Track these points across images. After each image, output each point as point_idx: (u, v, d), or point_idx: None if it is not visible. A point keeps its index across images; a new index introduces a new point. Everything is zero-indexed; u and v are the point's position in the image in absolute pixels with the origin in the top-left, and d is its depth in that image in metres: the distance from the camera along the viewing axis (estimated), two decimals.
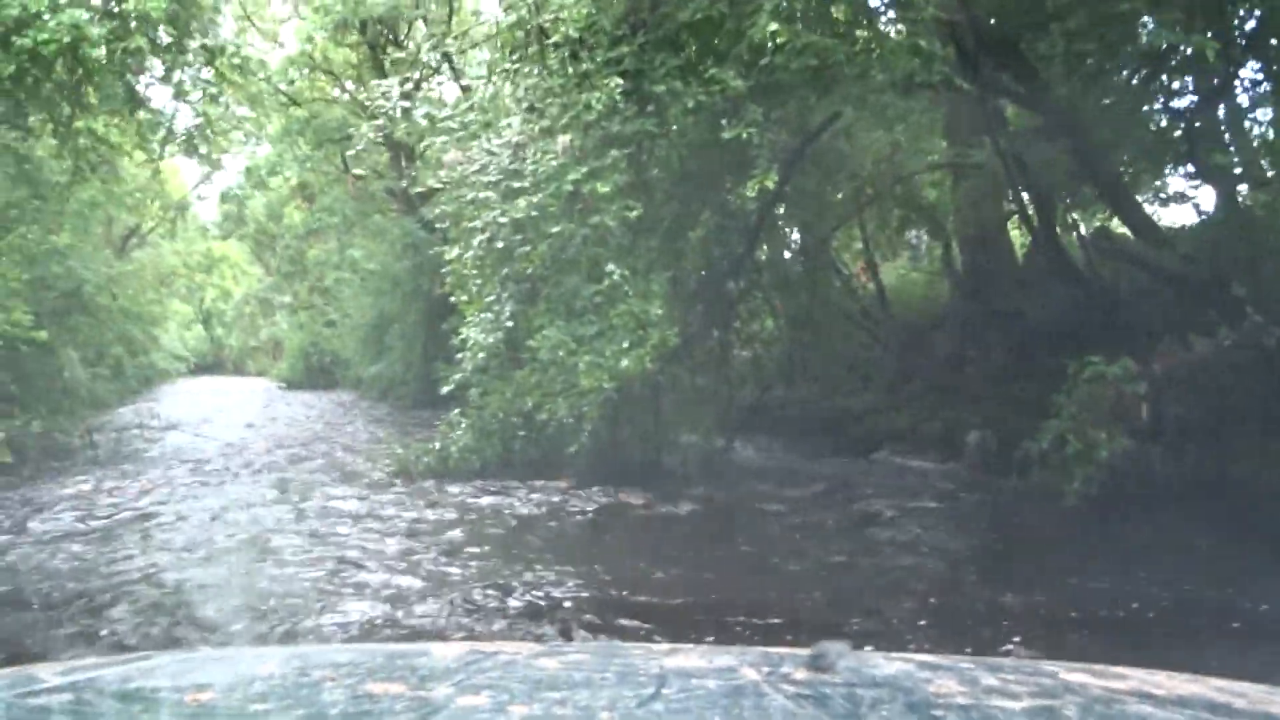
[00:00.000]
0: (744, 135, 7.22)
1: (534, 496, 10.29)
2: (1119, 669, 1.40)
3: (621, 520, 9.40)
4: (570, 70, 7.93)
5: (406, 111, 21.27)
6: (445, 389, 10.74)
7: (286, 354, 43.41)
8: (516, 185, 8.30)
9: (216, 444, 15.28)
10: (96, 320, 17.33)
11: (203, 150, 36.93)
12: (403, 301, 24.33)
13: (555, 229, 7.94)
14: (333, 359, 37.22)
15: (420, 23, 23.04)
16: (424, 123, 22.60)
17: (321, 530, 8.89)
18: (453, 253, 10.62)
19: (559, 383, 8.43)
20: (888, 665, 1.37)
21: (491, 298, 9.73)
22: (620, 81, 7.46)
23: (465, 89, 19.99)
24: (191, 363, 52.68)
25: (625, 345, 7.44)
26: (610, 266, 7.68)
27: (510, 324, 9.37)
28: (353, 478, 11.72)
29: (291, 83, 22.76)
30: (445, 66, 22.47)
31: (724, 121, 7.49)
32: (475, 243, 9.34)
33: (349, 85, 25.38)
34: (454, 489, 10.61)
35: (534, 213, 8.00)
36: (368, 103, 25.22)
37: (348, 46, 24.13)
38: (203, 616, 6.31)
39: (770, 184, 7.42)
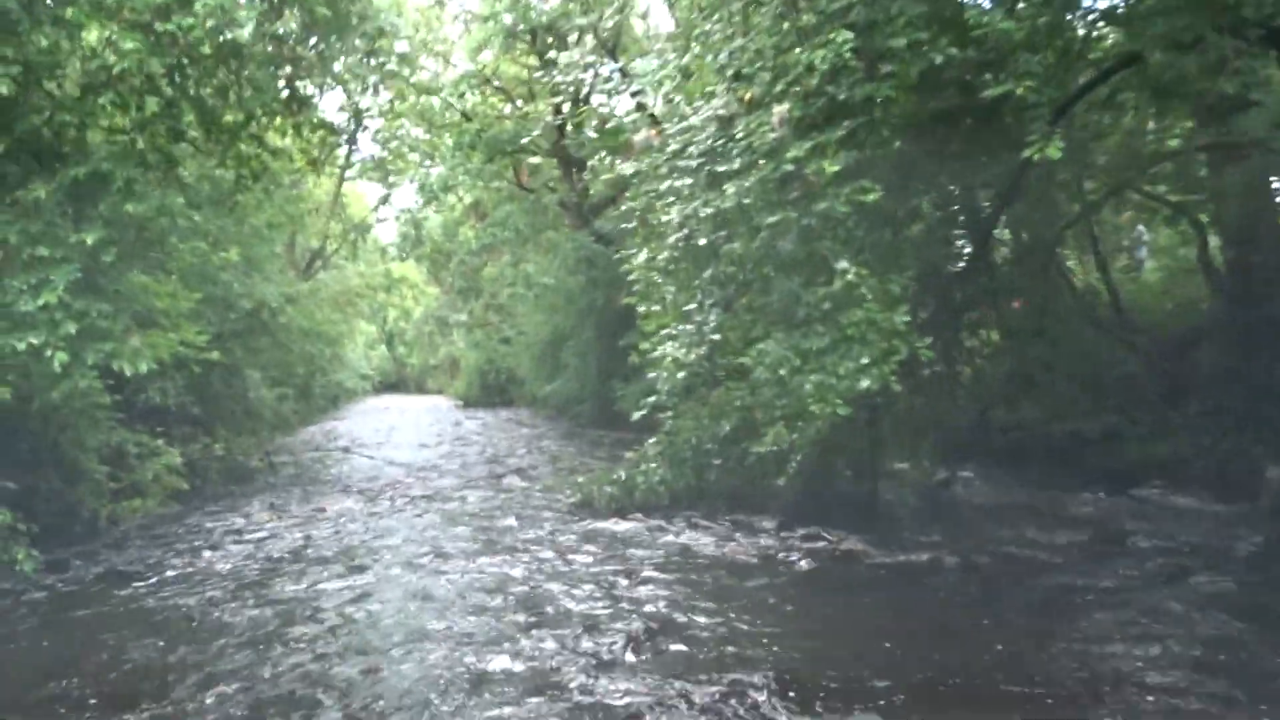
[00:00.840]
0: (1018, 91, 5.61)
1: (736, 537, 8.91)
2: None
3: (843, 573, 7.86)
4: (785, 26, 6.55)
5: (580, 113, 20.55)
6: (638, 413, 9.42)
7: (463, 372, 43.92)
8: (721, 169, 6.95)
9: (394, 468, 14.70)
10: (278, 340, 17.15)
11: (378, 173, 37.85)
12: (577, 317, 23.55)
13: (771, 219, 6.51)
14: (508, 377, 37.23)
15: (589, 35, 22.44)
16: (593, 133, 21.95)
17: (505, 572, 7.83)
18: (639, 257, 9.35)
19: (779, 406, 6.97)
20: None
21: (691, 306, 8.38)
22: (849, 36, 6.02)
23: (639, 97, 19.02)
24: (376, 381, 54.51)
25: (865, 361, 5.93)
26: (843, 264, 6.17)
27: (715, 336, 8.00)
28: (532, 508, 10.69)
29: (461, 95, 22.41)
30: (616, 75, 21.69)
31: (986, 77, 5.90)
32: (670, 241, 8.04)
33: (519, 103, 25.05)
34: (643, 524, 9.38)
35: (744, 200, 6.61)
36: (537, 110, 24.93)
37: (517, 63, 23.75)
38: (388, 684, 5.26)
39: (1056, 153, 5.76)
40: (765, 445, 7.89)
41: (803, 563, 8.07)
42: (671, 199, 7.93)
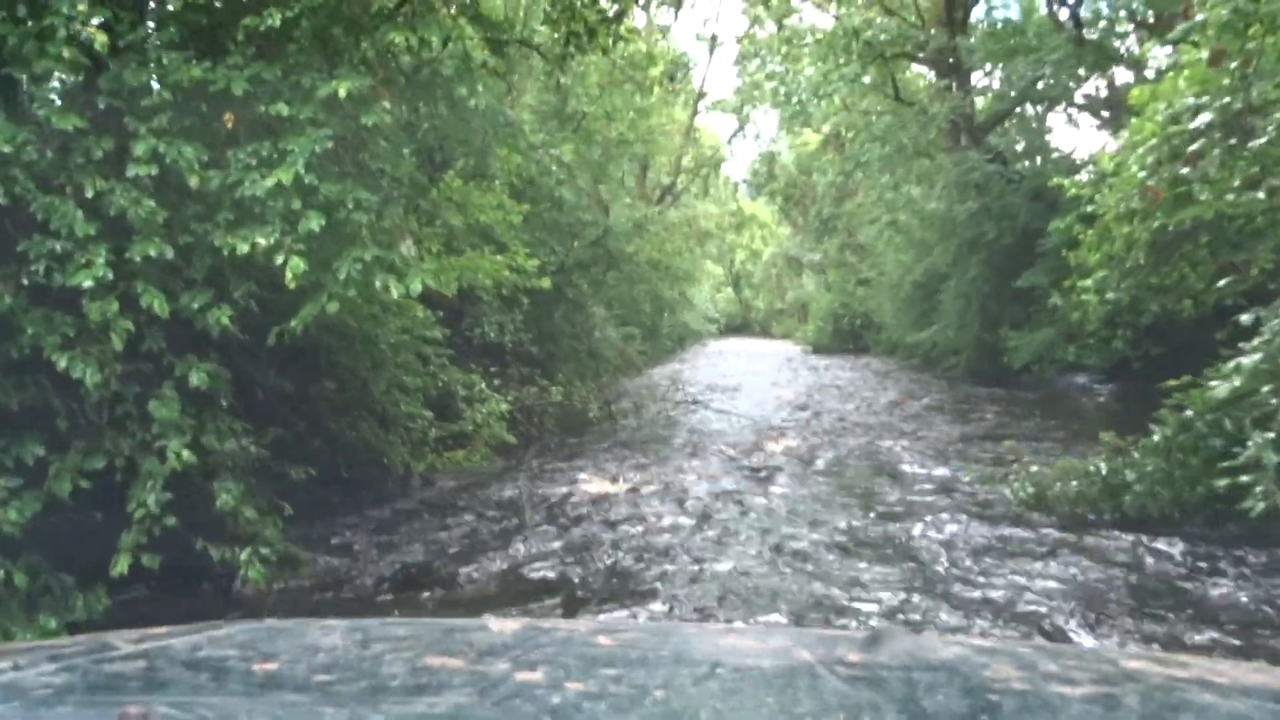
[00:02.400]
0: None
1: None
2: (1182, 657, 1.50)
3: None
4: None
5: None
6: (1223, 392, 5.92)
7: (813, 316, 41.10)
8: None
9: (747, 424, 12.26)
10: (625, 274, 15.36)
11: (735, 99, 35.69)
12: (959, 253, 19.77)
13: None
14: (863, 321, 33.92)
15: None
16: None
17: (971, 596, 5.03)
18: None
19: None
20: (944, 649, 1.25)
21: None
22: None
23: None
24: (722, 324, 53.36)
25: None
26: None
27: None
28: (955, 500, 7.67)
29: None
30: None
31: None
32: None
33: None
34: (1164, 549, 6.05)
35: None
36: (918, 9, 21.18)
37: None
38: None
39: None
40: None
41: None
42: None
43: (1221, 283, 8.67)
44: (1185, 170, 6.63)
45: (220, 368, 4.65)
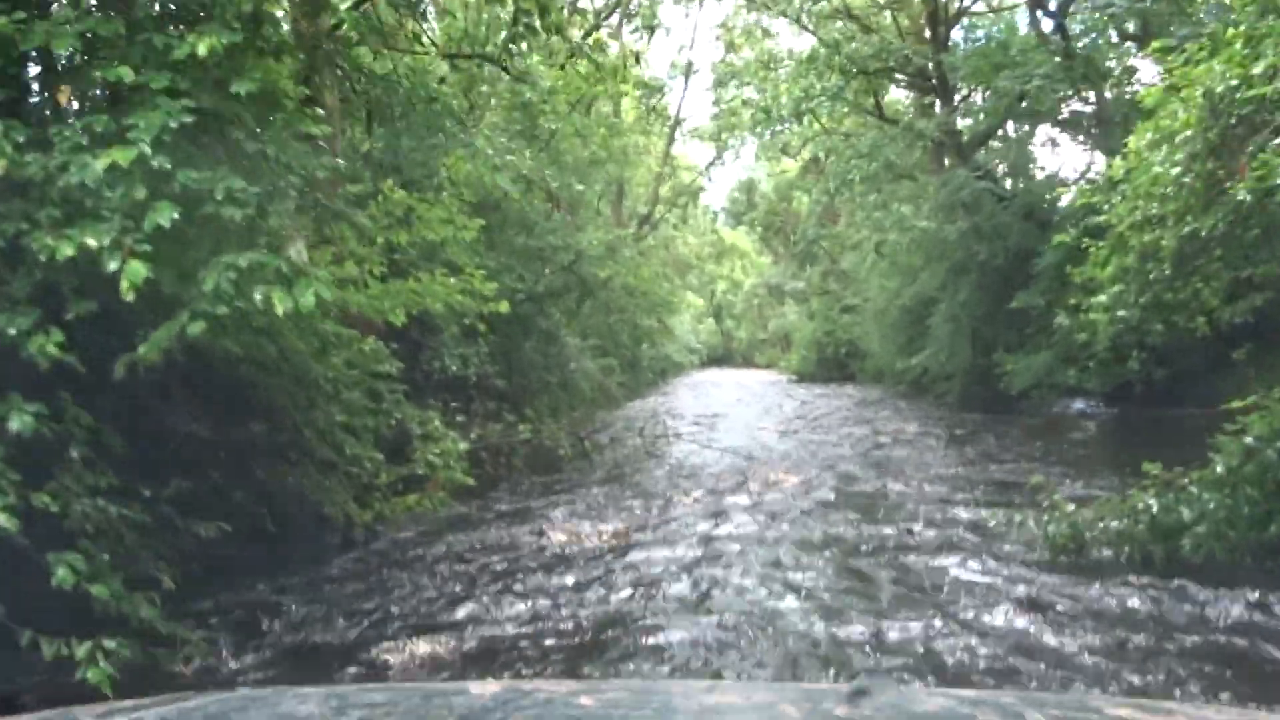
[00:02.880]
0: None
1: None
2: (1167, 704, 1.44)
3: None
4: None
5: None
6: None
7: (796, 345, 40.30)
8: None
9: (733, 460, 11.28)
10: (601, 301, 14.46)
11: (716, 125, 35.13)
12: (949, 275, 18.97)
13: None
14: (849, 349, 33.11)
15: None
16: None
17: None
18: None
19: None
20: (930, 700, 1.25)
21: None
22: None
23: None
24: (704, 355, 52.48)
25: None
26: None
27: None
28: (967, 542, 6.70)
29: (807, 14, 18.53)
30: None
31: None
32: None
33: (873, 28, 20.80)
34: (1211, 596, 5.08)
35: None
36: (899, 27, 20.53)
37: None
38: None
39: None
40: None
41: None
42: None
43: (1257, 296, 7.87)
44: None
45: (77, 409, 3.66)
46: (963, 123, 20.66)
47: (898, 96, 25.94)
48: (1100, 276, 10.72)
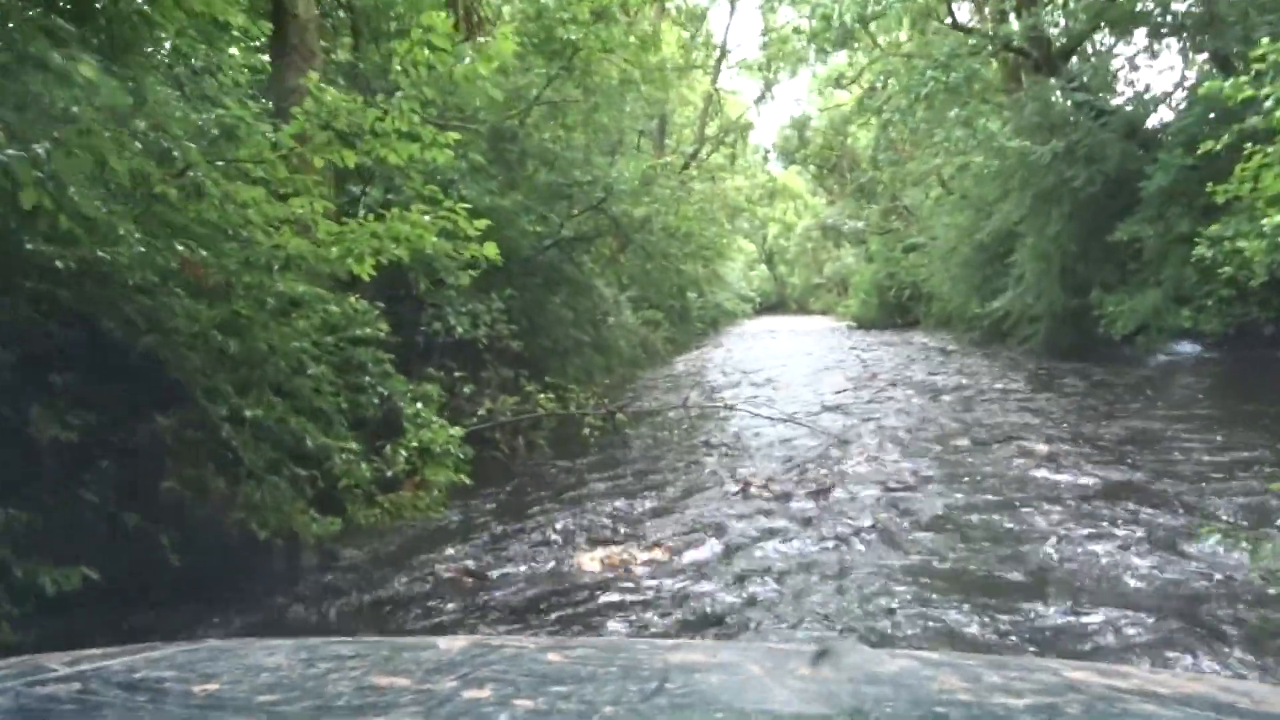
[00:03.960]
0: None
1: None
2: (1123, 668, 1.39)
3: None
4: None
5: None
6: None
7: (854, 289, 38.00)
8: None
9: (798, 433, 9.32)
10: (636, 245, 12.56)
11: (763, 58, 32.71)
12: (1035, 205, 16.65)
13: None
14: (912, 293, 30.80)
15: None
16: None
17: None
18: None
19: None
20: (892, 662, 1.28)
21: None
22: None
23: None
24: (757, 303, 50.34)
25: None
26: None
27: None
28: (1159, 560, 4.69)
29: None
30: None
31: None
32: None
33: None
34: None
35: None
36: None
37: None
38: None
39: None
40: None
41: None
42: None
43: None
44: None
45: None
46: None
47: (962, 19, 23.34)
48: (1256, 193, 8.56)
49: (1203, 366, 13.99)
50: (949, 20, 17.55)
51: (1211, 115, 13.04)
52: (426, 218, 5.75)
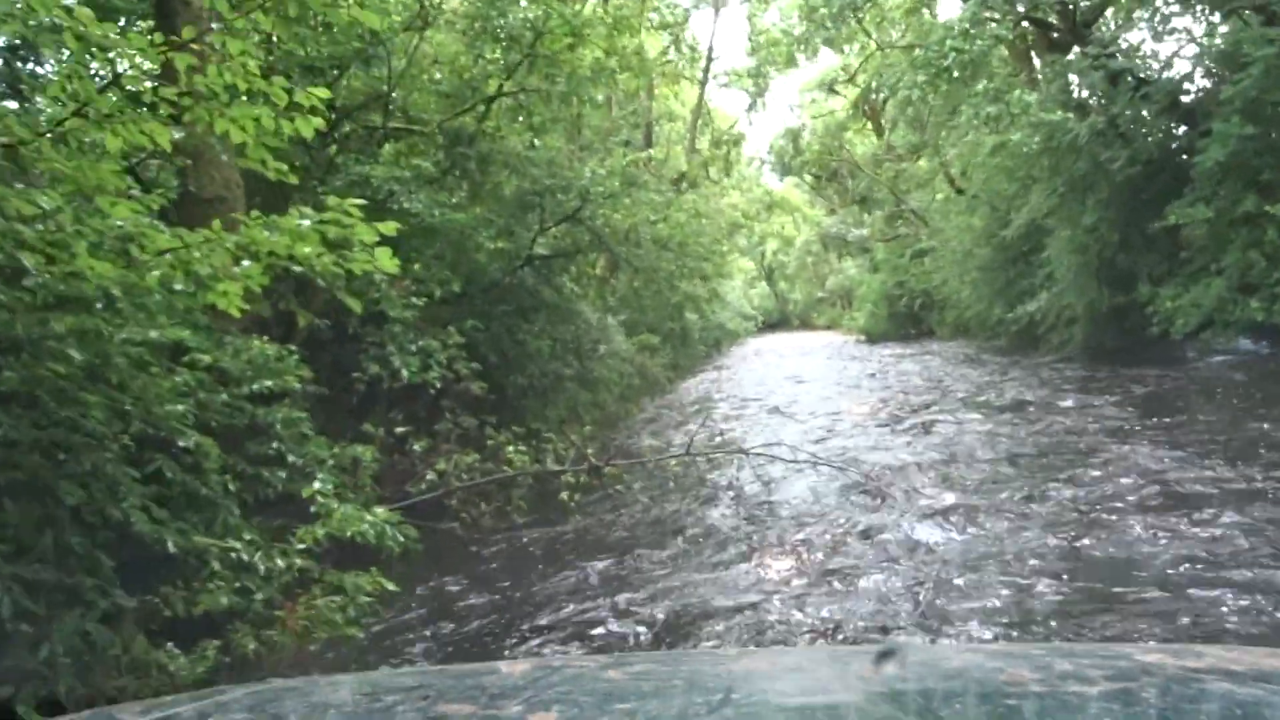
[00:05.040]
0: None
1: None
2: (1197, 647, 1.40)
3: None
4: None
5: None
6: None
7: (860, 300, 36.30)
8: None
9: (826, 478, 7.51)
10: (624, 260, 10.87)
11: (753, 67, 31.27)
12: (1068, 195, 14.93)
13: None
14: (923, 301, 29.03)
15: None
16: None
17: None
18: None
19: None
20: (957, 657, 1.22)
21: None
22: None
23: None
24: (759, 321, 48.69)
25: None
26: None
27: None
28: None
29: None
30: None
31: None
32: None
33: None
34: None
35: None
36: None
37: None
38: None
39: None
40: None
41: None
42: None
43: None
44: None
45: None
46: None
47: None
48: None
49: (1272, 364, 12.24)
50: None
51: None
52: (305, 222, 4.04)
